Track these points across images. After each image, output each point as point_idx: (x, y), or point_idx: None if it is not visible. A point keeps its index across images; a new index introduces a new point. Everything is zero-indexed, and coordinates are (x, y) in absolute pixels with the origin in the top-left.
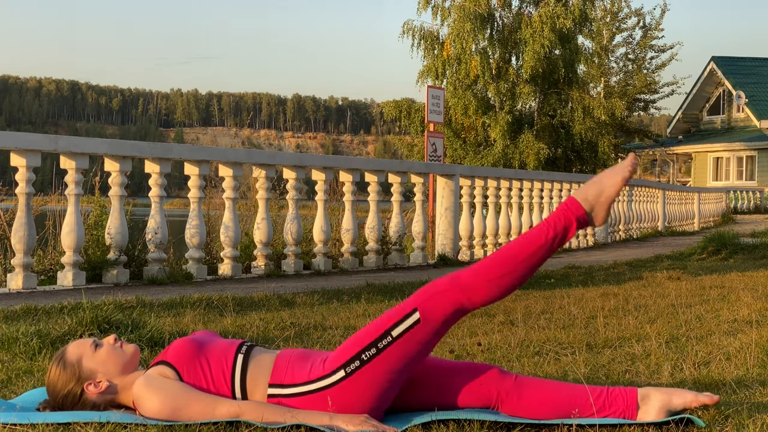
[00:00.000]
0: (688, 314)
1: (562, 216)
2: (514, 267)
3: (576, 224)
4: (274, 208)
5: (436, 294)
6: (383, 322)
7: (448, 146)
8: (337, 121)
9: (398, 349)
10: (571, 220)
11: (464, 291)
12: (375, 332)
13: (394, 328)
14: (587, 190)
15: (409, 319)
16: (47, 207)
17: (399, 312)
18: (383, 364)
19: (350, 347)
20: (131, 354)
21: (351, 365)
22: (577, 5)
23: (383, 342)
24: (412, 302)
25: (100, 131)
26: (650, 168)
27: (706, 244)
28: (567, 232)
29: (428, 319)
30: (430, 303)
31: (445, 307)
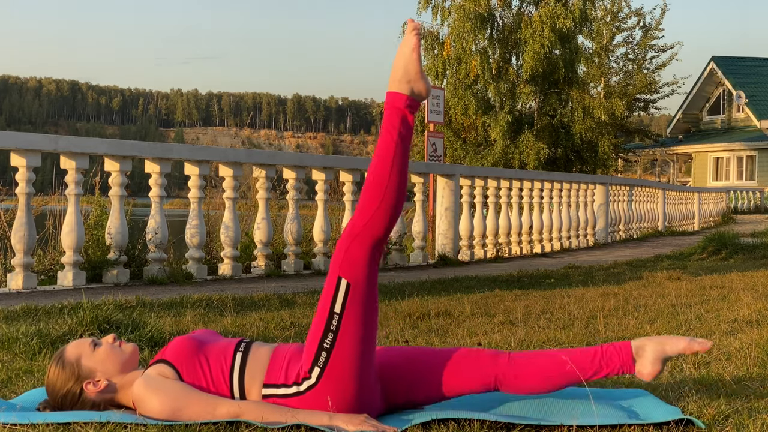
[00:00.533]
0: (688, 314)
1: (393, 112)
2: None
3: (408, 110)
4: (274, 208)
5: (345, 253)
6: (322, 306)
7: (448, 146)
8: (337, 121)
9: (350, 320)
10: (402, 109)
11: (364, 232)
12: (322, 319)
13: (334, 305)
14: (394, 77)
15: (340, 288)
16: (47, 207)
17: (329, 289)
18: (346, 340)
19: (311, 343)
20: (130, 353)
21: (320, 358)
22: (577, 5)
23: (333, 323)
24: (333, 273)
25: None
26: (650, 168)
27: (706, 244)
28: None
29: (355, 278)
30: (347, 264)
31: (361, 258)
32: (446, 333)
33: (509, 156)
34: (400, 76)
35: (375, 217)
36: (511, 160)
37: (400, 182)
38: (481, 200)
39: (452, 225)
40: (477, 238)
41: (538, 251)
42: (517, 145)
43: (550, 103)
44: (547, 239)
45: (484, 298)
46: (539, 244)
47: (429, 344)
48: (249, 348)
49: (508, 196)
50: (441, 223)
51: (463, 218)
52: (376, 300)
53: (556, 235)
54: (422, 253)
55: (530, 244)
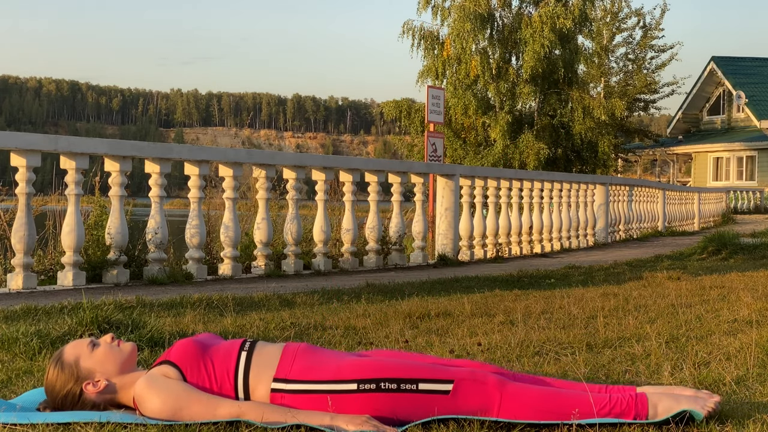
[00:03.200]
0: (688, 314)
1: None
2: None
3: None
4: (274, 208)
5: (478, 382)
6: (420, 368)
7: (448, 146)
8: (337, 121)
9: (414, 399)
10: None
11: (501, 398)
12: (407, 372)
13: (424, 383)
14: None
15: (442, 385)
16: (47, 207)
17: (439, 373)
18: (395, 400)
19: (376, 369)
20: (129, 352)
21: (366, 385)
22: (577, 5)
23: (407, 386)
24: (456, 374)
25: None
26: (650, 168)
27: (706, 244)
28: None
29: (456, 396)
30: (467, 385)
31: (476, 399)
32: (446, 333)
33: (509, 156)
34: None
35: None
36: (511, 160)
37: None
38: (481, 200)
39: (452, 225)
40: (477, 238)
41: (538, 251)
42: (517, 145)
43: (550, 103)
44: (547, 239)
45: (484, 298)
46: (539, 244)
47: (429, 344)
48: (253, 347)
49: (508, 196)
50: (441, 223)
51: (463, 218)
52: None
53: (556, 235)
54: (422, 253)
55: (530, 244)
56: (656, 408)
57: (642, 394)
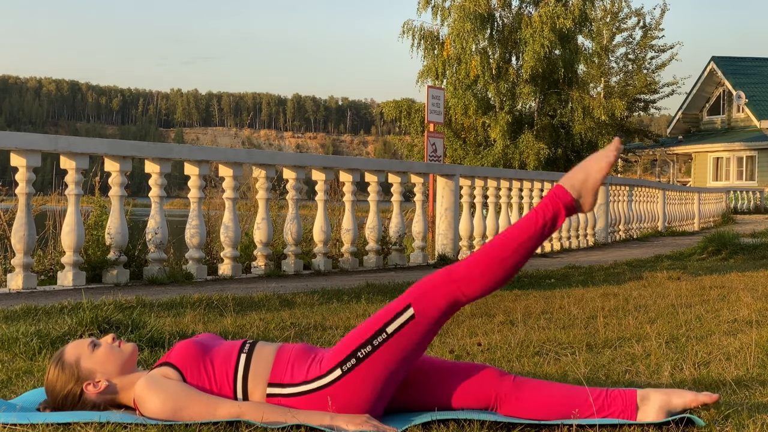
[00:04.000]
0: (688, 314)
1: (551, 204)
2: (505, 257)
3: (564, 211)
4: (274, 208)
5: (430, 289)
6: (378, 319)
7: (448, 146)
8: (337, 121)
9: (394, 346)
10: (560, 207)
11: (458, 284)
12: (370, 329)
13: (389, 325)
14: (573, 176)
15: (404, 315)
16: (47, 207)
17: (393, 309)
18: (379, 361)
19: (346, 345)
20: (129, 353)
21: (347, 363)
22: (577, 5)
23: (378, 339)
24: (406, 298)
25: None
26: (650, 168)
27: (706, 244)
28: (556, 219)
29: (423, 314)
30: (424, 298)
31: (439, 302)
32: (446, 333)
33: (509, 156)
34: (581, 179)
35: (478, 278)
36: (511, 161)
37: (519, 264)
38: (481, 200)
39: (452, 225)
40: (477, 238)
41: (537, 251)
42: (517, 145)
43: (550, 103)
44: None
45: (483, 298)
46: None
47: (429, 344)
48: (253, 348)
49: (508, 196)
50: (441, 224)
51: (463, 218)
52: (427, 344)
53: (555, 235)
54: (422, 253)
55: None
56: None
57: (557, 185)
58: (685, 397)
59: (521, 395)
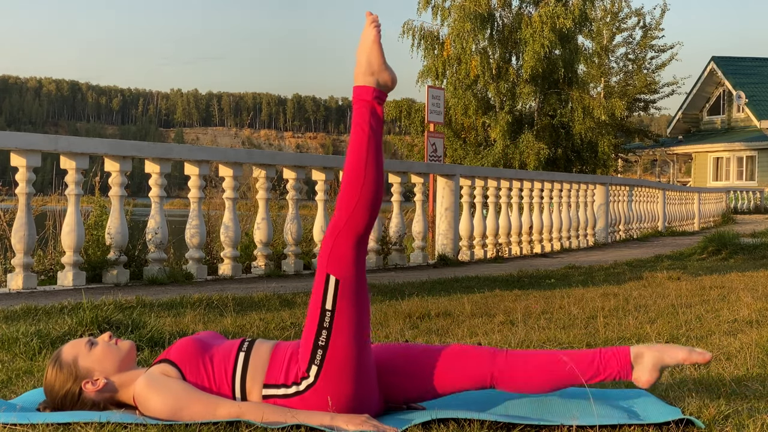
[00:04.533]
0: (688, 314)
1: (361, 105)
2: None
3: (376, 101)
4: (274, 208)
5: (331, 250)
6: (313, 304)
7: (448, 146)
8: (337, 121)
9: (342, 316)
10: (371, 102)
11: (347, 227)
12: (314, 317)
13: (325, 302)
14: (359, 71)
15: (330, 285)
16: (47, 207)
17: (318, 287)
18: (341, 337)
19: (306, 342)
20: (127, 350)
21: (317, 356)
22: (577, 5)
23: (326, 320)
24: (321, 271)
25: (100, 131)
26: (650, 168)
27: (706, 244)
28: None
29: (343, 274)
30: (333, 260)
31: (347, 253)
32: (446, 333)
33: (509, 156)
34: (365, 69)
35: (355, 213)
36: (511, 160)
37: (377, 175)
38: (481, 200)
39: (452, 225)
40: (477, 238)
41: (538, 251)
42: (517, 145)
43: (550, 103)
44: (547, 239)
45: (484, 298)
46: (539, 244)
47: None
48: (251, 347)
49: (508, 196)
50: (441, 224)
51: (463, 218)
52: (366, 294)
53: (556, 235)
54: (422, 253)
55: (530, 244)
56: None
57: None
58: (677, 355)
59: (516, 371)
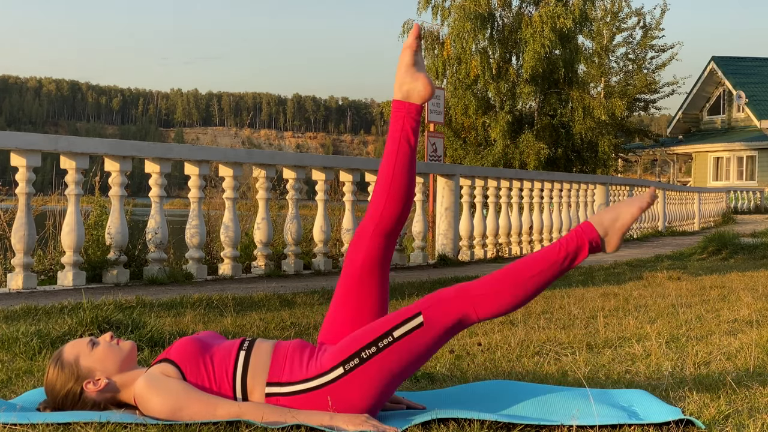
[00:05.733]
0: (689, 314)
1: (576, 237)
2: (522, 282)
3: (588, 246)
4: (274, 208)
5: (442, 301)
6: (386, 322)
7: (448, 146)
8: (337, 121)
9: (398, 350)
10: (584, 242)
11: (471, 302)
12: (377, 331)
13: (396, 329)
14: (603, 215)
15: (412, 321)
16: (47, 207)
17: (403, 314)
18: (382, 363)
19: (351, 344)
20: (128, 350)
21: (350, 362)
22: (577, 5)
23: (384, 341)
24: (418, 306)
25: (100, 131)
26: (650, 168)
27: (706, 244)
28: (578, 253)
29: (431, 324)
30: (435, 309)
31: (449, 315)
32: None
33: (509, 156)
34: (609, 219)
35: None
36: (511, 160)
37: (534, 292)
38: (481, 200)
39: (452, 225)
40: (477, 238)
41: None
42: (517, 145)
43: (550, 103)
44: (548, 239)
45: None
46: (539, 244)
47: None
48: (252, 346)
49: (508, 196)
50: (441, 223)
51: (463, 218)
52: (430, 355)
53: (556, 235)
54: (422, 253)
55: (530, 244)
56: (602, 223)
57: (586, 222)
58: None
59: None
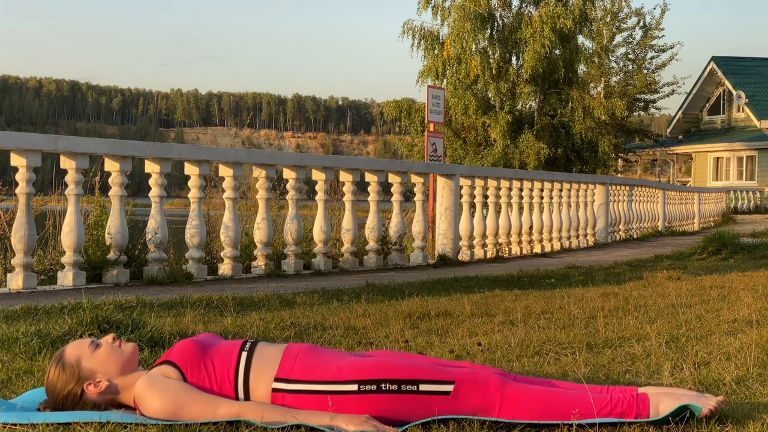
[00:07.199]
0: (688, 314)
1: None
2: (556, 407)
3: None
4: (274, 208)
5: (479, 383)
6: (420, 370)
7: (448, 146)
8: (337, 121)
9: (415, 401)
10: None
11: (503, 399)
12: (407, 373)
13: (425, 384)
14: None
15: (443, 386)
16: (47, 207)
17: (439, 374)
18: (395, 401)
19: (377, 370)
20: (130, 353)
21: (367, 386)
22: (577, 5)
23: (407, 387)
24: (457, 376)
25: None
26: (650, 168)
27: (706, 244)
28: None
29: (456, 398)
30: (467, 386)
31: (476, 399)
32: (446, 333)
33: (509, 156)
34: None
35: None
36: (511, 160)
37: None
38: (481, 200)
39: (452, 225)
40: (477, 238)
41: (538, 251)
42: (517, 145)
43: (550, 103)
44: (547, 239)
45: (484, 298)
46: (539, 244)
47: (429, 344)
48: (254, 348)
49: (508, 196)
50: (441, 223)
51: (463, 218)
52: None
53: (556, 235)
54: (422, 253)
55: (530, 244)
56: (657, 408)
57: (644, 394)
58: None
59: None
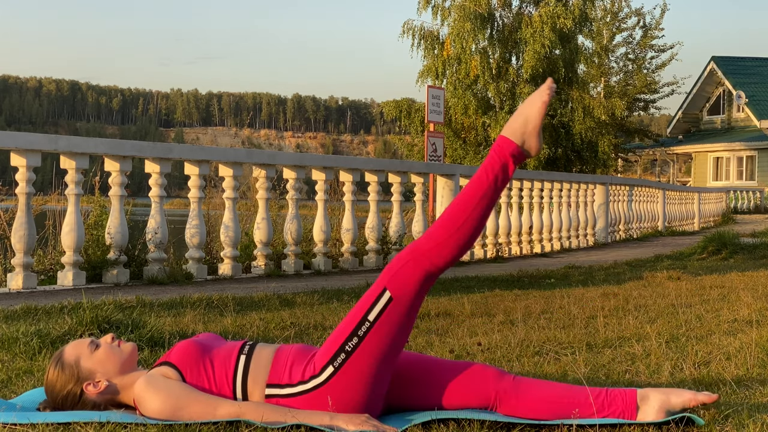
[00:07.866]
0: (688, 314)
1: (497, 156)
2: (466, 217)
3: (512, 159)
4: (274, 208)
5: (400, 269)
6: (358, 309)
7: (448, 146)
8: (337, 121)
9: (379, 332)
10: (506, 157)
11: (426, 257)
12: (352, 322)
13: (370, 313)
14: (513, 123)
15: (381, 299)
16: (47, 207)
17: (370, 296)
18: (368, 350)
19: (333, 342)
20: (129, 352)
21: (337, 359)
22: (577, 5)
23: (362, 329)
24: (380, 283)
25: (100, 131)
26: (650, 168)
27: (706, 244)
28: (506, 169)
29: (399, 294)
30: (397, 279)
31: (412, 278)
32: (446, 333)
33: None
34: (519, 125)
35: (444, 246)
36: None
37: (480, 222)
38: None
39: None
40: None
41: (538, 251)
42: None
43: (550, 102)
44: (547, 239)
45: (484, 298)
46: (539, 244)
47: (429, 344)
48: (252, 350)
49: (508, 196)
50: None
51: None
52: (411, 324)
53: (556, 235)
54: None
55: (530, 244)
56: (515, 132)
57: (500, 137)
58: (683, 397)
59: (521, 394)
